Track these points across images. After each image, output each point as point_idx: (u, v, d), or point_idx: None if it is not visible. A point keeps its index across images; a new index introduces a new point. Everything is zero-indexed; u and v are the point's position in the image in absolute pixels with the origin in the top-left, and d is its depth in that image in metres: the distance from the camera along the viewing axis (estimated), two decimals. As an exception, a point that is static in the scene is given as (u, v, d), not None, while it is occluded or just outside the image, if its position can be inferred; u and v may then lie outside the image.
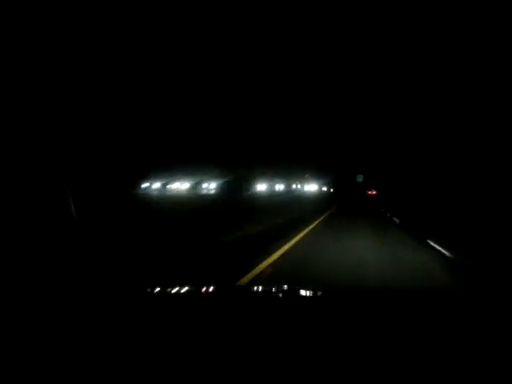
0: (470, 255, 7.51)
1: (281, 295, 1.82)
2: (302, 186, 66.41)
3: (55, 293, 1.59)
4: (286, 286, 1.93)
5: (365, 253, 7.44)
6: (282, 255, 6.89)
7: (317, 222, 14.48)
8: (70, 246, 3.54)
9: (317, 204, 28.17)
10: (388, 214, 20.88)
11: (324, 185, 78.69)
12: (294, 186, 63.71)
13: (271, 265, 5.94)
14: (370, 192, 69.47)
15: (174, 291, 1.72)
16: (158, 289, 1.72)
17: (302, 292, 1.85)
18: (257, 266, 5.69)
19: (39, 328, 1.15)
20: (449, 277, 5.81)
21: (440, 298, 1.82)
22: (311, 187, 67.67)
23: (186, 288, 1.77)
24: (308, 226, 12.33)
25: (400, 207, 27.28)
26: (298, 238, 9.27)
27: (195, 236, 8.04)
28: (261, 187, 43.35)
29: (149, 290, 1.69)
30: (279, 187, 52.54)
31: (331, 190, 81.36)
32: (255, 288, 2.40)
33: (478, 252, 7.74)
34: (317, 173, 68.60)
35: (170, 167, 30.79)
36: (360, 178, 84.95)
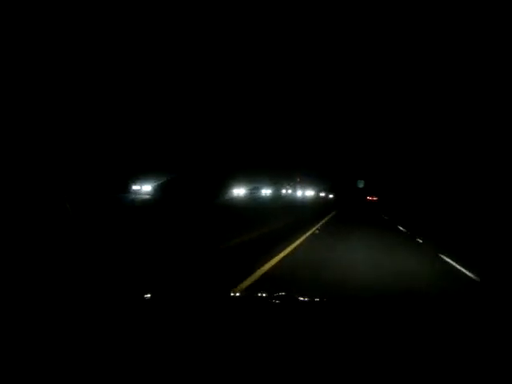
0: None
1: (277, 302, 1.78)
2: (295, 191, 56.71)
3: (50, 294, 1.63)
4: (283, 293, 1.89)
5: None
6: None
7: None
8: (67, 248, 3.86)
9: (309, 213, 20.75)
10: (414, 236, 12.40)
11: (322, 190, 70.29)
12: (284, 191, 54.67)
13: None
14: (370, 198, 69.37)
15: (167, 299, 1.69)
16: (149, 296, 1.68)
17: (299, 299, 1.87)
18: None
19: (34, 328, 1.15)
20: None
21: (436, 306, 1.86)
22: (307, 192, 59.01)
23: (179, 296, 1.77)
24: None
25: (419, 219, 21.13)
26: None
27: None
28: (238, 191, 34.39)
29: (141, 296, 1.65)
30: (266, 192, 43.88)
31: (330, 195, 73.39)
32: (252, 295, 2.45)
33: None
34: (314, 178, 60.46)
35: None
36: (361, 184, 78.90)
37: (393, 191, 63.55)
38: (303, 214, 19.43)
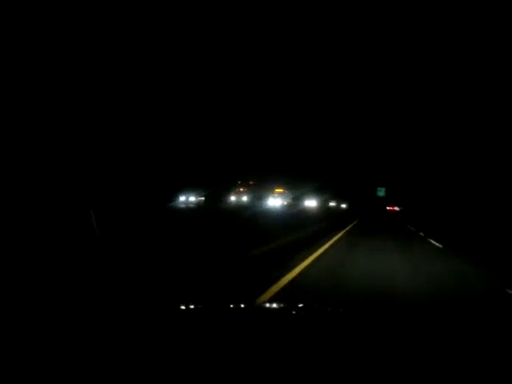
0: None
1: (297, 313, 1.79)
2: (261, 200, 38.25)
3: (68, 303, 1.70)
4: (302, 304, 1.92)
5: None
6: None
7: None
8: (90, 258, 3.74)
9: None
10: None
11: (330, 199, 58.01)
12: (232, 198, 41.77)
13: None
14: (390, 208, 62.79)
15: (185, 308, 1.73)
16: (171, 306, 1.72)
17: (319, 309, 1.88)
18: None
19: (46, 334, 1.17)
20: None
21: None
22: (307, 202, 45.10)
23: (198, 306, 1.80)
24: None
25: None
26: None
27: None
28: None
29: (164, 307, 1.70)
30: (193, 198, 32.87)
31: (342, 205, 61.56)
32: (272, 305, 2.63)
33: None
34: (309, 182, 47.77)
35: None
36: (381, 192, 67.99)
37: (418, 200, 55.90)
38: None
